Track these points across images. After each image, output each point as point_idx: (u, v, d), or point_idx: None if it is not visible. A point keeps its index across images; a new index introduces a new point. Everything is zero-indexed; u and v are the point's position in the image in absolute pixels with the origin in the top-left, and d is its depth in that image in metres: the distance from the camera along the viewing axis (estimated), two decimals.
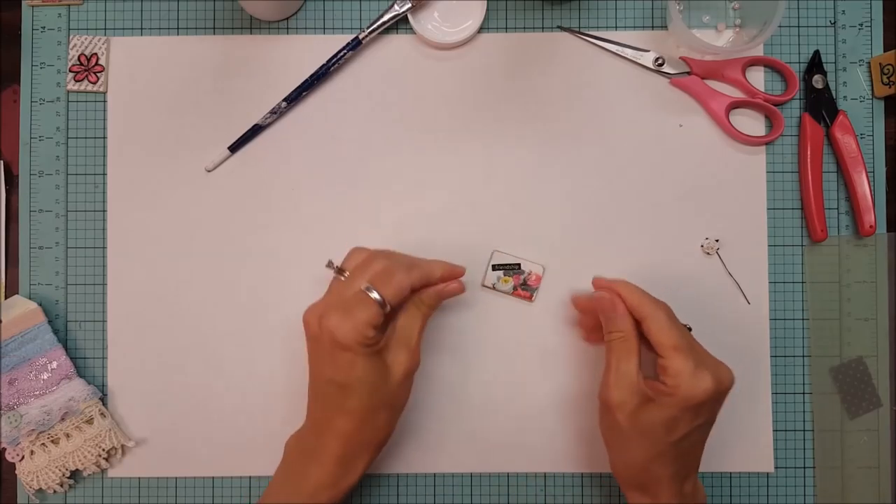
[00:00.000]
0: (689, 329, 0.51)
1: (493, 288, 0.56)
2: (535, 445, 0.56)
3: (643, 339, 0.49)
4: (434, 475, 0.57)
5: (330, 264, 0.50)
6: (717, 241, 0.57)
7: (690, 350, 0.47)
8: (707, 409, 0.47)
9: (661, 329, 0.48)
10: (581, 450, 0.56)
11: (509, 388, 0.56)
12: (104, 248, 0.57)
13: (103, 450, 0.55)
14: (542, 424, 0.56)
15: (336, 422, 0.48)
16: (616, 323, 0.49)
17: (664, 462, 0.48)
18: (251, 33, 0.58)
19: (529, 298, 0.56)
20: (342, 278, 0.49)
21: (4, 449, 0.55)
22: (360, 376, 0.47)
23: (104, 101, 0.58)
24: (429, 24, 0.57)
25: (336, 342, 0.46)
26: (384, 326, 0.49)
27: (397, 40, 0.58)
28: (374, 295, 0.47)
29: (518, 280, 0.56)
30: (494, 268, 0.56)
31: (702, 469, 0.56)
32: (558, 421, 0.56)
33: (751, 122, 0.58)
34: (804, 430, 0.57)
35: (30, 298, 0.56)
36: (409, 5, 0.56)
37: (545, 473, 0.57)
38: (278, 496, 0.50)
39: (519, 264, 0.56)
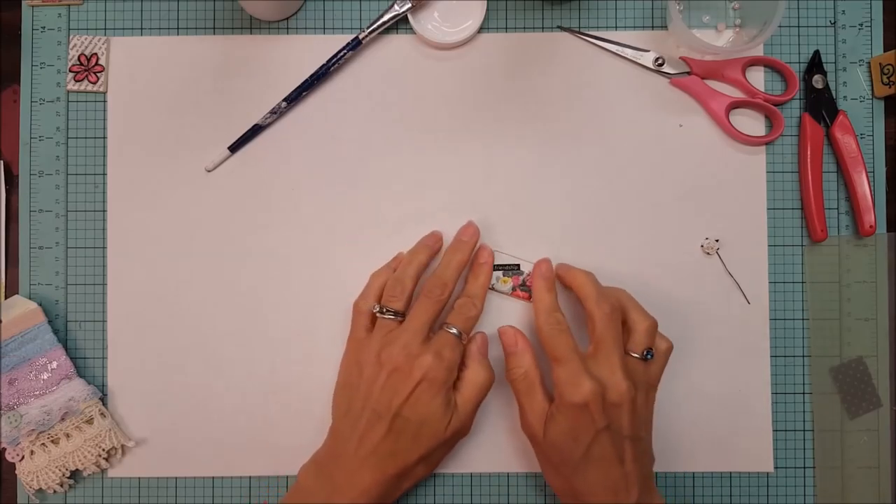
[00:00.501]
0: (649, 354, 0.51)
1: (493, 288, 0.56)
2: None
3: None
4: (434, 475, 0.57)
5: (381, 310, 0.52)
6: (717, 241, 0.57)
7: (574, 360, 0.49)
8: (598, 412, 0.48)
9: (545, 341, 0.51)
10: None
11: (509, 388, 0.56)
12: (104, 248, 0.57)
13: (103, 450, 0.55)
14: None
15: (381, 460, 0.49)
16: (515, 359, 0.52)
17: (584, 478, 0.49)
18: (251, 33, 0.58)
19: (528, 299, 0.56)
20: (392, 318, 0.52)
21: (4, 449, 0.55)
22: (431, 417, 0.49)
23: (104, 101, 0.58)
24: (429, 24, 0.57)
25: (427, 379, 0.49)
26: None
27: (397, 40, 0.58)
28: (454, 331, 0.51)
29: (517, 281, 0.56)
30: (493, 268, 0.56)
31: (702, 469, 0.56)
32: None
33: (751, 122, 0.58)
34: (804, 430, 0.57)
35: (30, 298, 0.56)
36: (409, 5, 0.56)
37: None
38: None
39: (518, 265, 0.56)
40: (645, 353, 0.51)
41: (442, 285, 0.52)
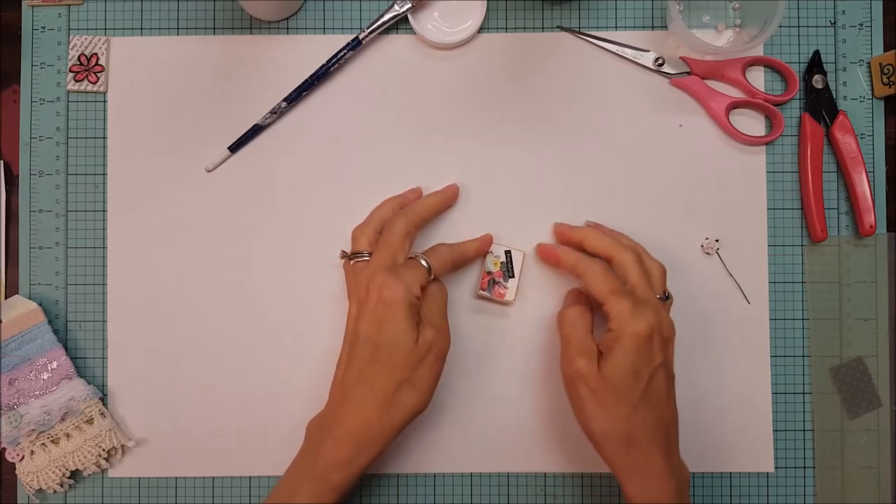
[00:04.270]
0: (667, 296, 0.52)
1: (486, 259, 0.56)
2: (535, 445, 0.56)
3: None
4: (434, 475, 0.57)
5: (343, 254, 0.53)
6: (717, 241, 0.57)
7: (629, 294, 0.49)
8: (658, 346, 0.48)
9: (593, 280, 0.50)
10: (581, 450, 0.56)
11: (508, 387, 0.56)
12: (104, 248, 0.57)
13: (103, 450, 0.55)
14: (541, 424, 0.56)
15: (357, 392, 0.48)
16: (573, 295, 0.53)
17: (643, 418, 0.48)
18: (251, 33, 0.58)
19: (482, 287, 0.56)
20: (362, 260, 0.52)
21: (4, 449, 0.55)
22: (396, 335, 0.48)
23: (104, 101, 0.58)
24: (429, 24, 0.57)
25: (382, 299, 0.48)
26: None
27: (397, 40, 0.58)
28: (423, 262, 0.50)
29: (499, 276, 0.56)
30: (507, 253, 0.56)
31: (702, 469, 0.56)
32: (558, 420, 0.56)
33: (751, 122, 0.58)
34: (804, 430, 0.57)
35: (30, 298, 0.56)
36: (409, 5, 0.56)
37: (545, 473, 0.57)
38: (292, 476, 0.50)
39: (514, 274, 0.56)
40: (665, 295, 0.51)
41: (416, 216, 0.52)
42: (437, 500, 0.57)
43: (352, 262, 0.53)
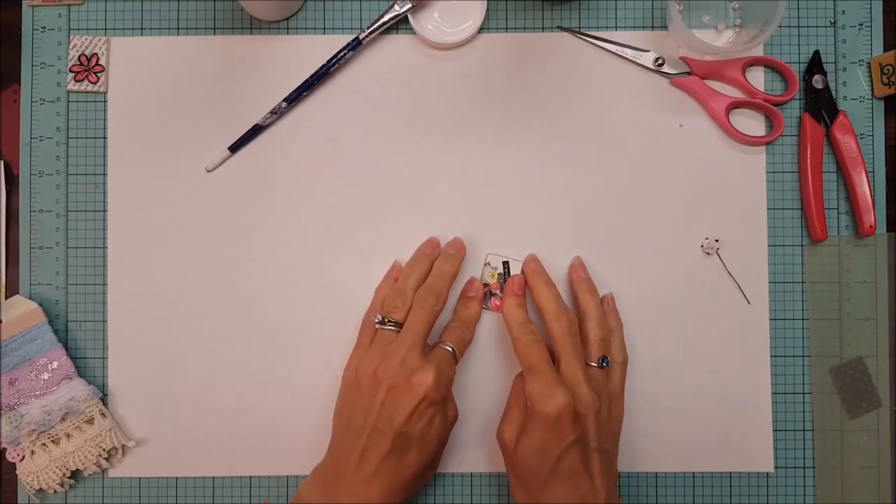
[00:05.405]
0: (605, 362, 0.52)
1: (483, 271, 0.56)
2: None
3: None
4: (434, 475, 0.57)
5: (382, 321, 0.53)
6: (717, 241, 0.57)
7: (548, 371, 0.49)
8: (568, 426, 0.48)
9: (520, 352, 0.52)
10: None
11: (508, 386, 0.56)
12: (104, 248, 0.57)
13: (103, 450, 0.55)
14: None
15: (384, 475, 0.49)
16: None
17: (552, 494, 0.49)
18: (251, 33, 0.58)
19: (481, 299, 0.56)
20: (393, 329, 0.52)
21: (5, 449, 0.55)
22: (436, 435, 0.50)
23: (104, 101, 0.58)
24: (429, 24, 0.57)
25: (427, 398, 0.49)
26: None
27: (397, 40, 0.58)
28: (449, 348, 0.52)
29: (496, 287, 0.56)
30: (504, 264, 0.56)
31: (702, 469, 0.56)
32: None
33: (751, 122, 0.58)
34: (804, 430, 0.57)
35: (30, 298, 0.56)
36: (409, 5, 0.56)
37: None
38: None
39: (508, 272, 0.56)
40: (600, 360, 0.51)
41: (435, 295, 0.52)
42: (437, 500, 0.57)
43: (379, 326, 0.53)
